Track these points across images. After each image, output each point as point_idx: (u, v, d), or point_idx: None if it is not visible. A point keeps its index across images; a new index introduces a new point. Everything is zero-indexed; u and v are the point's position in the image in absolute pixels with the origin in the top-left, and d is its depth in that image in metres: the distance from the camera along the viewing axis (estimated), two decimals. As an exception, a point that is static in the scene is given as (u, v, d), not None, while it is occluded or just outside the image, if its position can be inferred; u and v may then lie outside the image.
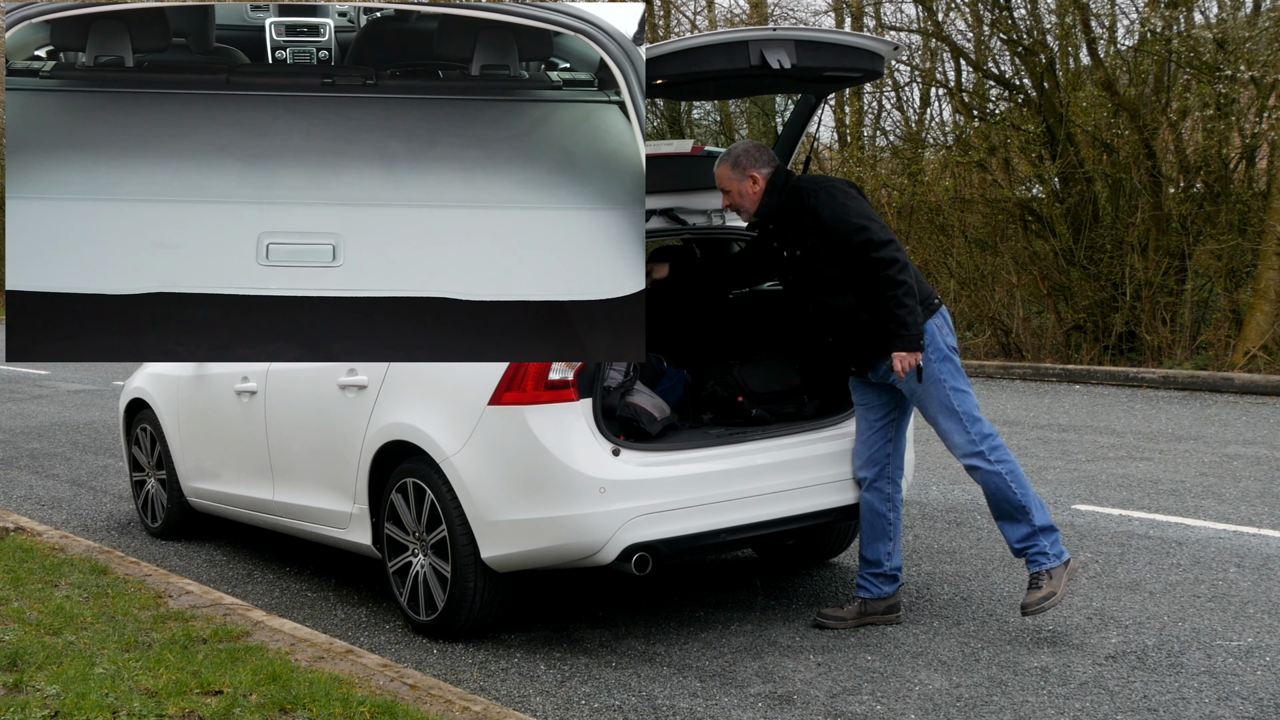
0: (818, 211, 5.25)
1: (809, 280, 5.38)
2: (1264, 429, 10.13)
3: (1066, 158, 14.89)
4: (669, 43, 4.95)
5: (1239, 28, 14.03)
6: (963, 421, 5.26)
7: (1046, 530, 5.26)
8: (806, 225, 5.29)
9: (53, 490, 9.17)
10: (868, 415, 5.51)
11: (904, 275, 5.13)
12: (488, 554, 5.23)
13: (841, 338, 5.41)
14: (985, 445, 5.24)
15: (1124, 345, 14.51)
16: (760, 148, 5.45)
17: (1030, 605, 5.21)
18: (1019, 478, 5.25)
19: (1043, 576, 5.23)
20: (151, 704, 4.30)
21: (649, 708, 4.71)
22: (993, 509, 5.32)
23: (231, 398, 6.74)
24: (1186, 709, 4.52)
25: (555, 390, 5.08)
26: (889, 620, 5.50)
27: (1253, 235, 13.89)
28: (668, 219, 5.84)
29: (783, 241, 5.41)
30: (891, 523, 5.48)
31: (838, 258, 5.27)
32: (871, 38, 5.57)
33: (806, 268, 5.36)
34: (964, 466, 5.32)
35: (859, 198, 5.32)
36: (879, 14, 18.01)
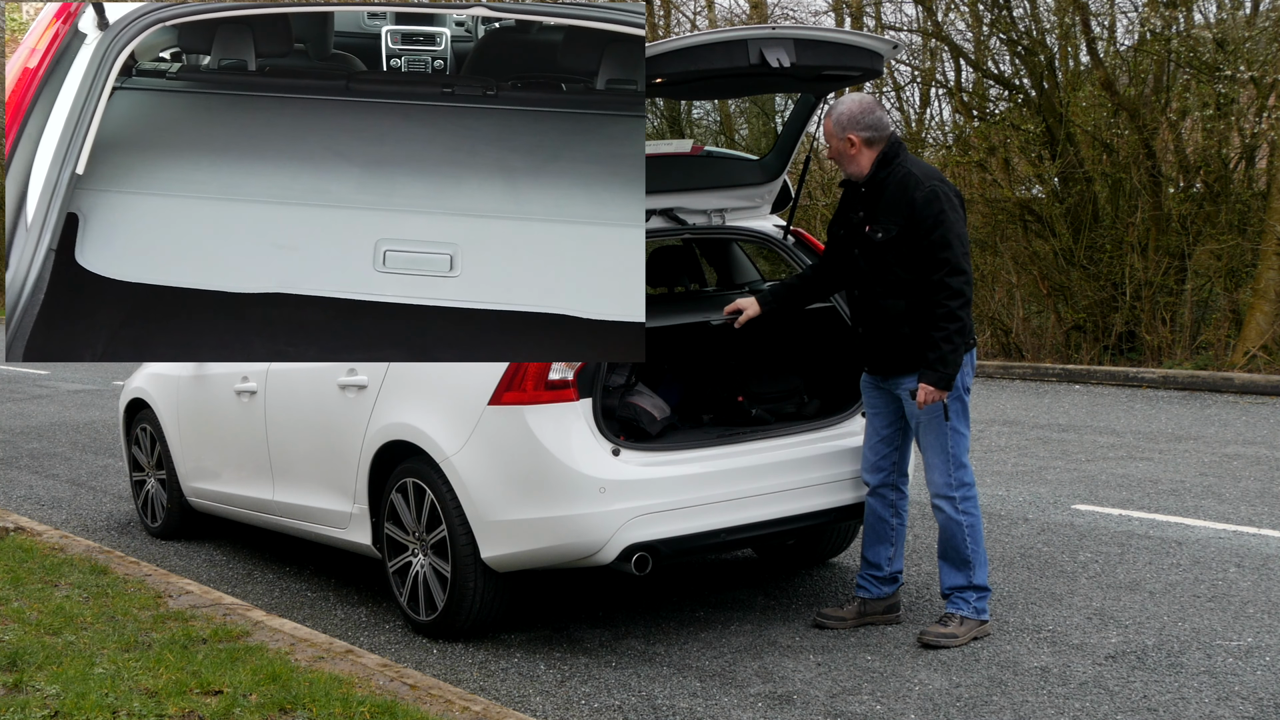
0: (915, 206, 5.10)
1: (873, 267, 5.23)
2: (1264, 429, 10.12)
3: (1066, 158, 14.89)
4: (668, 41, 4.94)
5: (1239, 28, 14.02)
6: (949, 463, 5.24)
7: (980, 589, 5.30)
8: (900, 213, 5.14)
9: (53, 490, 9.16)
10: (875, 422, 5.45)
11: (964, 312, 5.06)
12: (488, 554, 5.23)
13: (874, 335, 5.31)
14: (959, 493, 5.24)
15: (1124, 345, 14.51)
16: (869, 108, 5.23)
17: (929, 634, 5.23)
18: (977, 534, 5.27)
19: (954, 618, 5.27)
20: (151, 704, 4.30)
21: (649, 708, 4.71)
22: (940, 548, 5.34)
23: (231, 398, 6.74)
24: (1186, 709, 4.52)
25: (555, 390, 5.07)
26: (889, 620, 5.50)
27: (1252, 235, 13.88)
28: (668, 219, 5.84)
29: (869, 216, 5.25)
30: (894, 528, 5.47)
31: (910, 260, 5.14)
32: (871, 36, 5.56)
33: (877, 254, 5.20)
34: (931, 503, 5.33)
35: (960, 213, 5.16)
36: (879, 14, 18.01)
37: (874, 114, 5.23)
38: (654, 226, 5.75)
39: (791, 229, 6.10)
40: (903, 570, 5.62)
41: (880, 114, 5.24)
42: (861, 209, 5.28)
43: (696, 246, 6.70)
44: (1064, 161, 14.89)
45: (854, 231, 5.32)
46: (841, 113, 5.23)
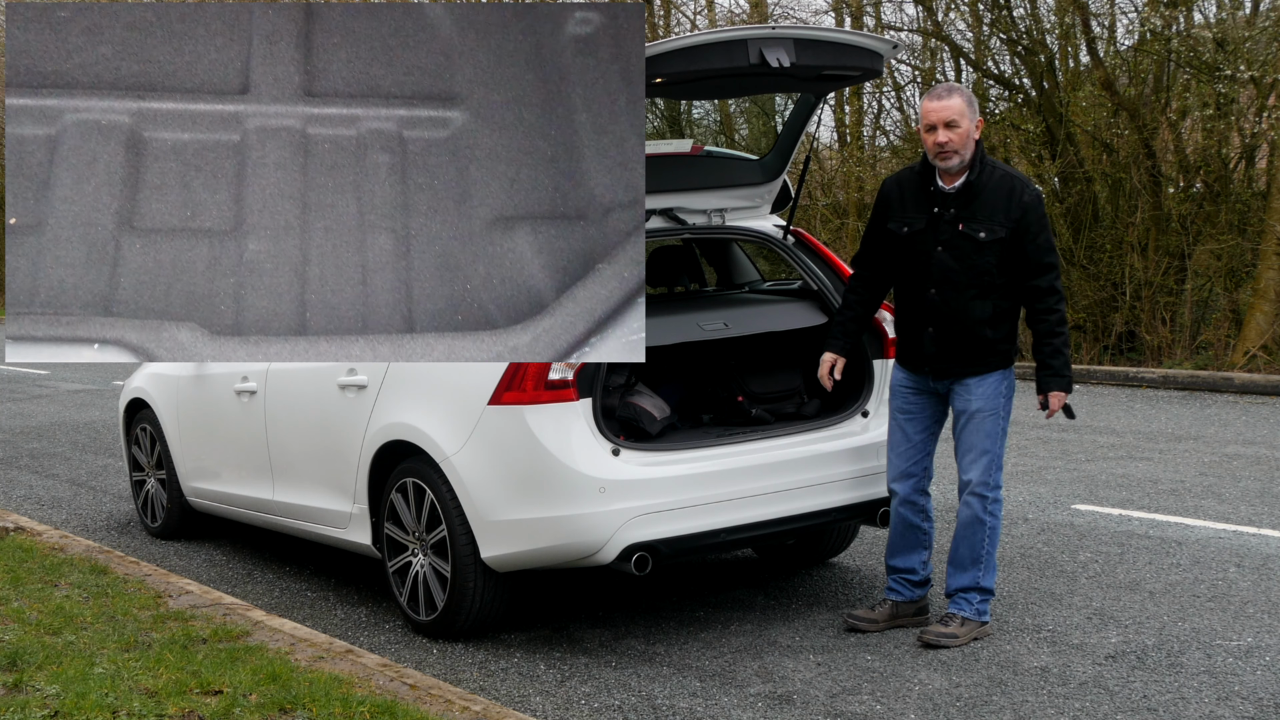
0: (1027, 209, 5.03)
1: (968, 268, 5.11)
2: (1264, 429, 10.13)
3: (1066, 157, 14.90)
4: (668, 41, 4.94)
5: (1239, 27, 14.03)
6: (992, 463, 5.24)
7: (985, 592, 5.30)
8: (1008, 214, 5.05)
9: (53, 490, 9.16)
10: (908, 427, 5.37)
11: (1066, 319, 5.15)
12: (487, 554, 5.23)
13: (949, 336, 5.20)
14: (993, 494, 5.25)
15: (1124, 345, 14.51)
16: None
17: (930, 633, 5.23)
18: (995, 538, 5.27)
19: (955, 618, 5.26)
20: (151, 704, 4.30)
21: (649, 708, 4.71)
22: (954, 548, 5.32)
23: (231, 397, 6.74)
24: (1186, 709, 4.52)
25: (555, 390, 5.07)
26: (919, 623, 5.46)
27: (1252, 235, 13.89)
28: (668, 219, 5.84)
29: (964, 214, 5.10)
30: (926, 533, 5.44)
31: (1011, 263, 5.07)
32: (871, 36, 5.55)
33: (977, 254, 5.09)
34: (960, 496, 5.31)
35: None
36: (879, 14, 18.02)
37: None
38: (654, 226, 5.75)
39: (791, 229, 6.10)
40: (932, 572, 5.62)
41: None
42: (952, 206, 5.14)
43: (696, 246, 6.70)
44: (1064, 161, 14.90)
45: (937, 230, 5.16)
46: (967, 94, 5.12)
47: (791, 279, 6.67)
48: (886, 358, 5.79)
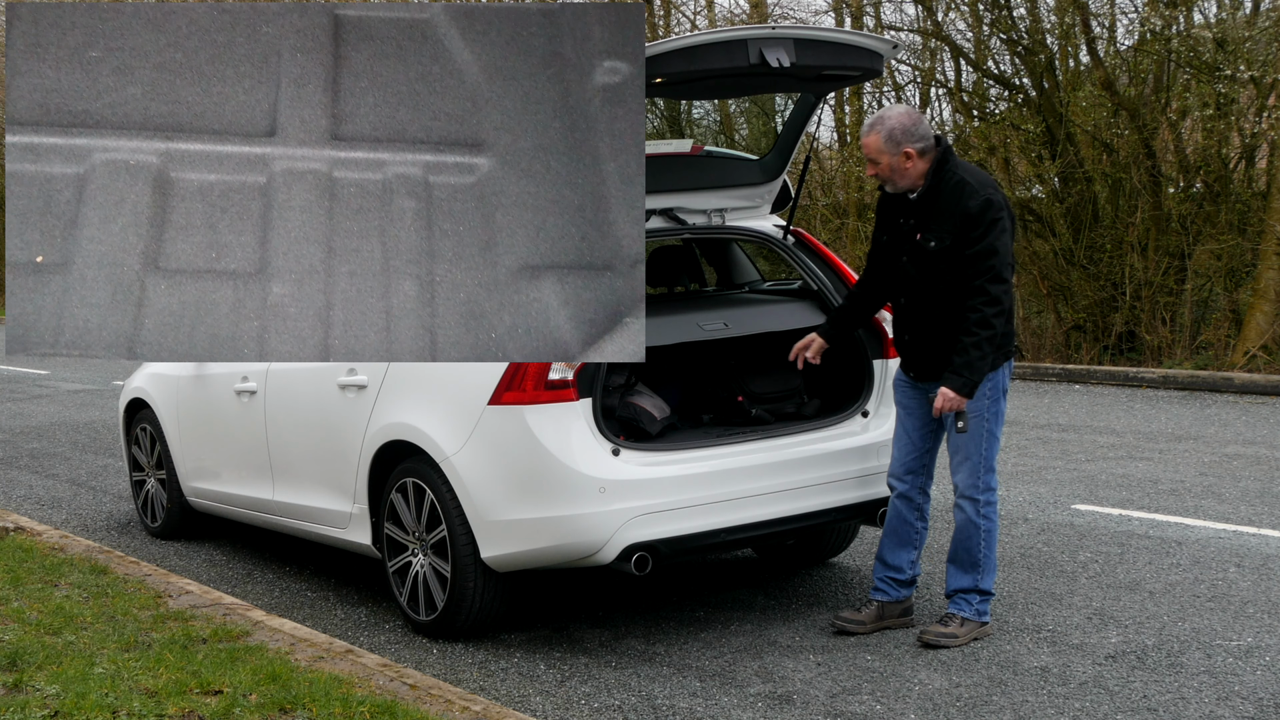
0: (969, 215, 5.04)
1: (924, 275, 5.17)
2: (1264, 429, 10.12)
3: (1066, 157, 14.89)
4: (668, 41, 4.94)
5: (1239, 27, 14.02)
6: (980, 466, 5.22)
7: (985, 593, 5.30)
8: (953, 222, 5.07)
9: (53, 490, 9.16)
10: (907, 423, 5.39)
11: (998, 321, 5.01)
12: (487, 554, 5.23)
13: (920, 343, 5.26)
14: (984, 497, 5.23)
15: (1124, 345, 14.51)
16: (917, 119, 5.15)
17: (930, 633, 5.24)
18: (992, 540, 5.26)
19: (955, 619, 5.27)
20: (151, 704, 4.30)
21: (649, 708, 4.71)
22: (952, 550, 5.32)
23: (231, 397, 6.74)
24: (1186, 709, 4.52)
25: (555, 390, 5.07)
26: (905, 624, 5.47)
27: (1252, 235, 13.88)
28: (668, 219, 5.84)
29: (921, 224, 5.16)
30: (918, 531, 5.44)
31: (957, 267, 5.08)
32: (871, 36, 5.55)
33: (929, 263, 5.14)
34: (954, 502, 5.31)
35: (1010, 225, 5.11)
36: (879, 13, 18.01)
37: (922, 123, 5.15)
38: (654, 226, 5.75)
39: (791, 229, 6.10)
40: (920, 573, 5.62)
41: (925, 122, 5.18)
42: (911, 216, 5.20)
43: (696, 246, 6.70)
44: (1064, 161, 14.89)
45: (902, 239, 5.24)
46: (893, 127, 5.10)
47: (791, 279, 6.67)
48: (887, 358, 5.80)
